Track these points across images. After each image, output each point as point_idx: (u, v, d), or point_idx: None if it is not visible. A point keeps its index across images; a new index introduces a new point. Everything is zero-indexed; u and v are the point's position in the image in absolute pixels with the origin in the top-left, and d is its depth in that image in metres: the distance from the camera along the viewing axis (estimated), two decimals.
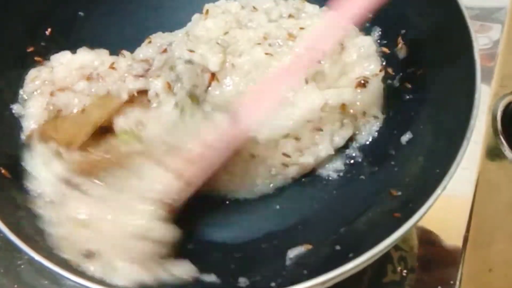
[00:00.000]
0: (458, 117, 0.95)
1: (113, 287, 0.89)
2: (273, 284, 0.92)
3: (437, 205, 0.87)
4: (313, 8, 1.26)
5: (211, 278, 0.96)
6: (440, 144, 1.00)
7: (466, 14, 1.02)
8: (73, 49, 1.19)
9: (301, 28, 1.20)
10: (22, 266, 1.10)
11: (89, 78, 1.14)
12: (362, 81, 1.14)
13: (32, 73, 1.17)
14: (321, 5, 1.27)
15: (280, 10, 1.24)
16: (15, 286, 1.09)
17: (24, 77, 1.15)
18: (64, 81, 1.15)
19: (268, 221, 1.08)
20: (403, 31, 1.19)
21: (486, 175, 1.25)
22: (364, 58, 1.18)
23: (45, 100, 1.13)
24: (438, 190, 0.87)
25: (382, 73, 1.17)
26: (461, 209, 1.20)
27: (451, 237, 1.18)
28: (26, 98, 1.14)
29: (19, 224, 0.92)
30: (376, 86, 1.16)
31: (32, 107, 1.12)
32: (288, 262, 0.99)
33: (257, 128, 1.03)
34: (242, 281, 0.95)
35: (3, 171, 1.00)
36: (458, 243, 1.16)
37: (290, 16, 1.23)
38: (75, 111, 1.11)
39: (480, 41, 1.40)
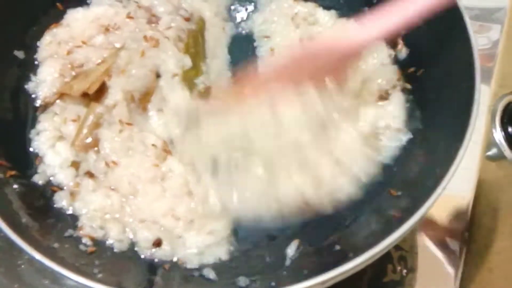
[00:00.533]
0: (458, 117, 0.95)
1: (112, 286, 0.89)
2: (273, 283, 0.92)
3: (437, 205, 0.87)
4: (324, 14, 1.26)
5: (211, 276, 0.96)
6: (440, 144, 1.00)
7: (466, 14, 1.02)
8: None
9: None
10: (23, 266, 1.10)
11: (107, 29, 1.17)
12: (384, 94, 1.14)
13: (47, 38, 1.18)
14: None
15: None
16: (16, 286, 1.09)
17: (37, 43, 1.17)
18: (82, 35, 1.17)
19: (268, 221, 1.08)
20: (403, 32, 1.18)
21: (486, 175, 1.25)
22: (381, 64, 1.18)
23: (59, 64, 1.14)
24: (438, 190, 0.87)
25: (401, 82, 1.16)
26: (460, 209, 1.20)
27: (451, 237, 1.18)
28: (39, 63, 1.16)
29: (20, 223, 0.92)
30: (397, 98, 1.14)
31: (45, 72, 1.13)
32: (288, 262, 0.99)
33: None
34: (242, 280, 0.95)
35: (4, 162, 1.01)
36: (458, 242, 1.16)
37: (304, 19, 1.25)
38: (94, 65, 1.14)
39: (480, 41, 1.40)
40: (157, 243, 0.98)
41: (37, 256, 0.84)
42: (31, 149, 1.08)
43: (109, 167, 1.04)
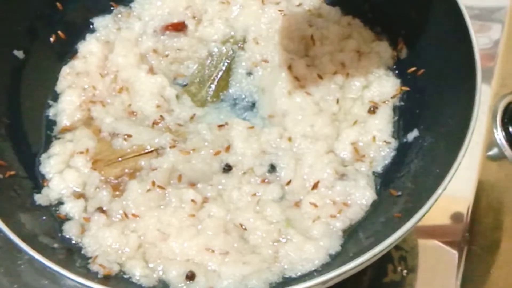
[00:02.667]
0: (459, 117, 0.95)
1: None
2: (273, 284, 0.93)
3: (438, 204, 0.87)
4: (329, 9, 1.25)
5: None
6: (440, 144, 1.00)
7: (466, 14, 1.02)
8: None
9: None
10: (23, 266, 1.10)
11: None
12: (372, 108, 1.13)
13: (65, 69, 1.19)
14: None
15: None
16: (15, 286, 1.09)
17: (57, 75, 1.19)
18: (98, 69, 1.18)
19: None
20: (403, 32, 1.19)
21: (487, 175, 1.25)
22: (384, 69, 1.17)
23: (78, 94, 1.15)
24: (439, 190, 0.87)
25: (395, 99, 1.15)
26: (461, 208, 1.20)
27: (452, 237, 1.18)
28: (59, 93, 1.17)
29: (19, 224, 0.92)
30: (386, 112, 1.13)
31: (65, 102, 1.14)
32: None
33: None
34: None
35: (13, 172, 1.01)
36: (459, 243, 1.16)
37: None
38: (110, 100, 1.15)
39: (480, 41, 1.40)
40: (191, 277, 0.93)
41: (37, 256, 0.84)
42: (40, 171, 1.08)
43: (127, 218, 0.99)
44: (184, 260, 0.96)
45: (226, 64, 1.21)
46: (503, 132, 1.30)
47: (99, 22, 1.26)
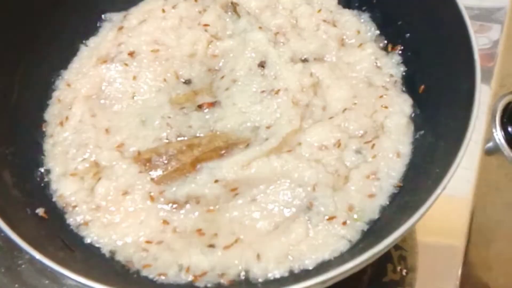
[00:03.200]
0: (458, 117, 0.95)
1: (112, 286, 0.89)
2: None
3: (437, 204, 0.88)
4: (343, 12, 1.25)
5: None
6: (440, 144, 1.00)
7: (466, 14, 1.02)
8: None
9: None
10: (23, 266, 1.11)
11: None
12: None
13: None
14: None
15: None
16: (16, 285, 1.09)
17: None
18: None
19: None
20: (402, 32, 1.19)
21: (486, 174, 1.25)
22: None
23: None
24: (438, 190, 0.87)
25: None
26: (461, 208, 1.20)
27: (451, 236, 1.18)
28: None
29: (20, 223, 0.92)
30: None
31: None
32: None
33: None
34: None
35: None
36: (458, 242, 1.16)
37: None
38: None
39: (480, 41, 1.40)
40: None
41: (37, 256, 0.84)
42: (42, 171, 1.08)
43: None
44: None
45: None
46: (503, 132, 1.30)
47: None
